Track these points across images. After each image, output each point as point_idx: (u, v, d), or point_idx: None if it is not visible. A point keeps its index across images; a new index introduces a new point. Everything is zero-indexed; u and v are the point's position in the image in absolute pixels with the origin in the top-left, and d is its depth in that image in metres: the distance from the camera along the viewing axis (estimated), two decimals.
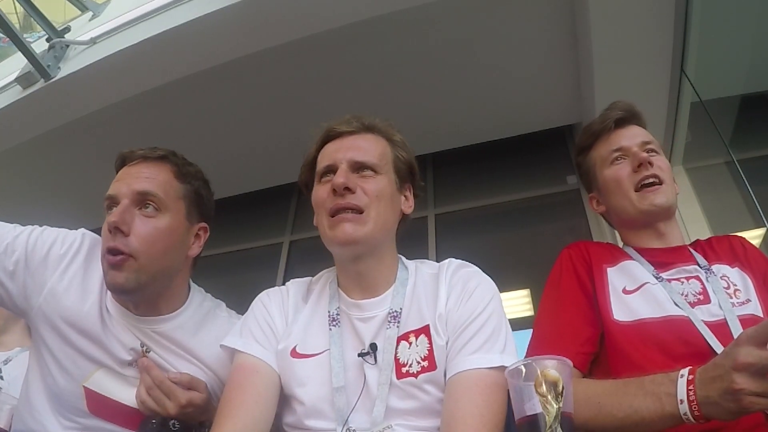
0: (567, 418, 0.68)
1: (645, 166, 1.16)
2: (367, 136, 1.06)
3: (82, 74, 2.99)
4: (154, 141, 1.20)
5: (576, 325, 1.06)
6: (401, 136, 1.10)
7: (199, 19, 2.67)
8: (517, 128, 3.46)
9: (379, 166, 1.01)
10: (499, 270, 1.31)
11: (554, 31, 2.76)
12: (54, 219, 1.25)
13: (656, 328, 1.01)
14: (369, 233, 0.96)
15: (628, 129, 1.25)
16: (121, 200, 1.03)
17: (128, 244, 0.99)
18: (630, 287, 1.09)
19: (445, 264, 1.05)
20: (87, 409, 1.04)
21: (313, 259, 1.38)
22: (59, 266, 1.06)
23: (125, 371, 1.06)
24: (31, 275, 1.04)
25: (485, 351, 0.89)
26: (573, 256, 1.17)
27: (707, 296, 1.05)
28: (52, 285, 1.05)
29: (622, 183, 1.19)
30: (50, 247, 1.08)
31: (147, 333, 1.08)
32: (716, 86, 2.76)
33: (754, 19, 2.60)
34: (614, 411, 0.86)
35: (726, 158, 2.71)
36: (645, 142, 1.22)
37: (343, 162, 0.99)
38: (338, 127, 1.06)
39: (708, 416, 0.77)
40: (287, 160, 3.42)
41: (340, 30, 2.69)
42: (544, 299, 1.16)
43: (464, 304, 0.95)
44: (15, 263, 1.04)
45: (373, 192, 0.98)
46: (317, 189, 1.03)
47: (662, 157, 1.22)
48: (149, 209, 1.03)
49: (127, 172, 1.08)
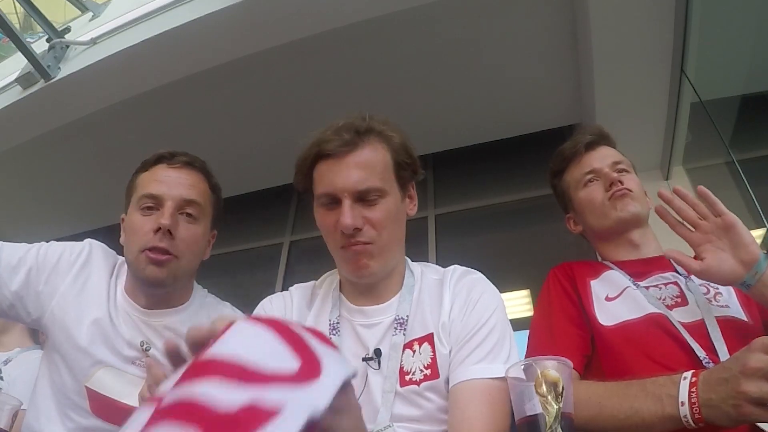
0: (567, 418, 0.69)
1: (616, 184, 1.23)
2: (365, 150, 0.96)
3: (82, 74, 2.99)
4: (154, 141, 1.21)
5: (568, 330, 1.09)
6: (400, 134, 1.02)
7: (200, 19, 2.67)
8: (517, 128, 3.45)
9: (383, 188, 0.95)
10: (499, 270, 1.31)
11: (554, 32, 2.76)
12: (54, 219, 1.26)
13: (637, 328, 1.05)
14: (381, 263, 0.97)
15: (598, 151, 1.31)
16: (166, 203, 1.09)
17: (174, 246, 1.08)
18: (612, 294, 1.14)
19: (449, 271, 1.05)
20: (90, 410, 1.06)
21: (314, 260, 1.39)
22: (70, 272, 1.14)
23: (128, 369, 1.09)
24: (44, 282, 1.11)
25: (490, 361, 0.89)
26: (559, 275, 1.24)
27: (684, 299, 1.08)
28: (64, 289, 1.12)
29: (596, 202, 1.25)
30: (60, 256, 1.16)
31: (153, 326, 1.13)
32: (716, 86, 2.76)
33: (754, 19, 2.60)
34: (615, 412, 0.86)
35: (726, 158, 2.71)
36: (615, 162, 1.28)
37: (346, 195, 0.93)
38: (330, 144, 0.95)
39: (708, 420, 0.77)
40: (287, 160, 3.41)
41: (340, 30, 2.69)
42: (535, 315, 1.21)
43: (469, 313, 0.95)
44: (27, 272, 1.11)
45: (380, 222, 0.95)
46: (322, 215, 0.99)
47: (633, 175, 1.28)
48: (192, 216, 1.12)
49: (170, 175, 1.14)
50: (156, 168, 1.16)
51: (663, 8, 2.30)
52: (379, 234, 0.95)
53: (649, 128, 2.80)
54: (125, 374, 1.08)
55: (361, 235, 0.94)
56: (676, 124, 2.75)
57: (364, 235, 0.94)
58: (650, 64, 2.52)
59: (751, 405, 0.72)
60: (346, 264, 0.97)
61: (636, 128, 2.75)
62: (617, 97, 2.68)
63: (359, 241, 0.94)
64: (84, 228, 4.62)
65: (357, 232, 0.93)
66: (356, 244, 0.94)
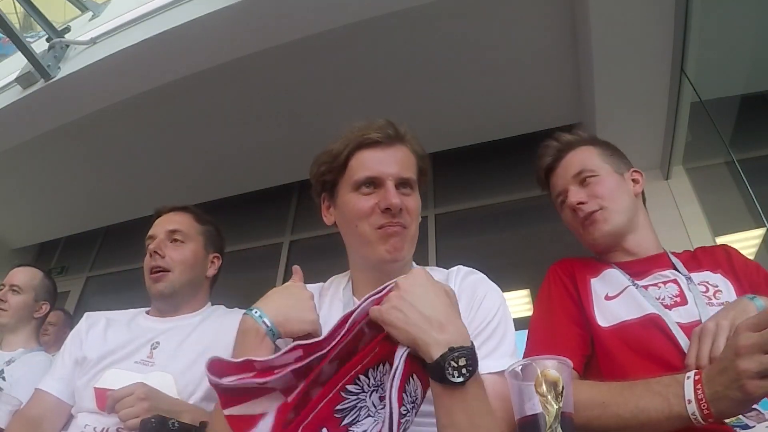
0: (567, 418, 0.69)
1: (578, 210, 1.20)
2: (403, 148, 1.06)
3: (82, 74, 2.99)
4: (154, 141, 1.23)
5: (568, 328, 1.09)
6: (421, 145, 1.11)
7: (199, 19, 2.67)
8: (517, 128, 3.45)
9: (416, 183, 1.05)
10: (498, 270, 1.32)
11: (554, 32, 2.76)
12: (54, 218, 1.26)
13: (634, 329, 1.04)
14: (409, 250, 1.03)
15: (560, 167, 1.29)
16: (158, 237, 1.45)
17: (165, 262, 1.40)
18: (612, 293, 1.14)
19: (453, 271, 1.07)
20: (96, 407, 1.19)
21: (314, 259, 1.38)
22: (87, 338, 1.38)
23: (134, 363, 1.26)
24: (78, 360, 1.35)
25: (497, 357, 0.91)
26: (559, 271, 1.23)
27: (684, 298, 1.07)
28: (87, 346, 1.36)
29: (574, 227, 1.26)
30: (77, 344, 1.39)
31: (167, 324, 1.38)
32: (716, 86, 2.75)
33: (754, 19, 2.60)
34: (620, 411, 0.86)
35: (726, 158, 2.71)
36: (576, 174, 1.23)
37: (390, 179, 1.00)
38: (376, 134, 1.03)
39: (718, 413, 0.77)
40: (287, 160, 3.44)
41: (340, 30, 2.69)
42: (535, 311, 1.20)
43: (475, 311, 0.97)
44: (72, 366, 1.35)
45: (414, 211, 1.02)
46: (358, 199, 1.01)
47: (600, 177, 1.21)
48: (177, 240, 1.46)
49: (162, 219, 1.51)
50: (156, 222, 1.52)
51: (663, 8, 2.30)
52: (412, 221, 1.03)
53: (649, 128, 2.80)
54: (130, 372, 1.27)
55: (401, 217, 0.99)
56: (676, 123, 2.75)
57: (403, 217, 1.00)
58: (650, 64, 2.52)
59: (754, 380, 0.73)
60: (382, 244, 0.99)
61: (636, 128, 2.75)
62: (617, 97, 2.68)
63: (399, 222, 0.99)
64: (84, 228, 4.63)
65: (399, 212, 0.99)
66: (395, 225, 0.99)
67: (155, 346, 1.30)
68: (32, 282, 1.98)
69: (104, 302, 4.13)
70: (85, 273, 4.49)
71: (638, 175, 1.30)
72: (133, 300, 1.53)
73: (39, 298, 1.98)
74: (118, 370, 1.25)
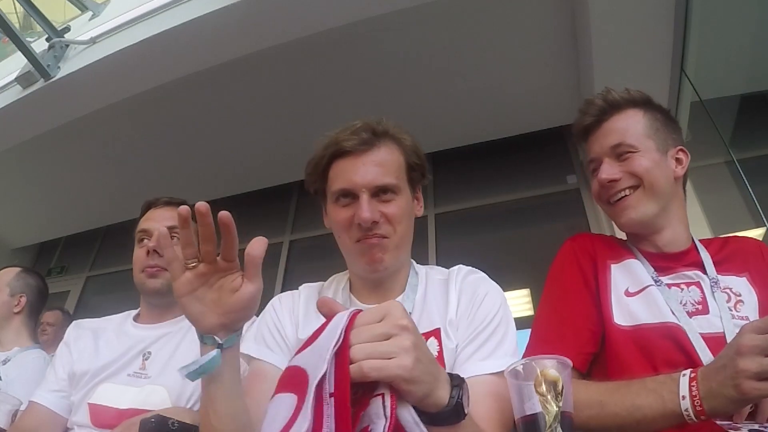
0: (567, 417, 0.68)
1: (607, 187, 1.10)
2: (381, 150, 1.00)
3: (82, 74, 2.99)
4: (153, 140, 1.23)
5: (578, 324, 1.04)
6: (412, 138, 1.06)
7: (199, 18, 2.67)
8: (517, 128, 3.46)
9: (398, 186, 1.00)
10: (499, 270, 1.31)
11: (554, 31, 2.76)
12: (54, 218, 1.26)
13: (652, 334, 0.99)
14: (394, 257, 1.00)
15: (599, 131, 1.15)
16: (154, 233, 1.37)
17: (162, 261, 1.30)
18: (632, 289, 1.06)
19: (454, 270, 1.07)
20: (90, 423, 1.18)
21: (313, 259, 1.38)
22: (76, 351, 1.35)
23: (127, 376, 1.24)
24: (70, 375, 1.33)
25: (497, 357, 0.90)
26: (577, 249, 1.12)
27: (706, 306, 1.02)
28: (77, 359, 1.34)
29: (598, 200, 1.15)
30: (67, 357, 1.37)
31: (158, 330, 1.33)
32: (716, 86, 2.75)
33: (754, 19, 2.60)
34: (617, 409, 0.86)
35: (726, 158, 2.71)
36: (614, 145, 1.10)
37: (364, 190, 0.97)
38: (348, 142, 0.99)
39: (711, 411, 0.77)
40: (287, 160, 3.43)
41: (340, 30, 2.69)
42: (545, 294, 1.13)
43: (476, 310, 0.97)
44: (66, 379, 1.33)
45: (396, 218, 0.99)
46: (338, 211, 1.00)
47: (639, 153, 1.09)
48: (175, 239, 1.26)
49: (156, 213, 1.43)
50: (148, 212, 1.46)
51: (663, 8, 2.31)
52: (394, 229, 0.99)
53: None
54: (122, 385, 1.27)
55: (377, 228, 0.97)
56: None
57: (381, 228, 0.98)
58: (650, 64, 2.52)
59: (751, 380, 0.72)
60: (361, 257, 0.99)
61: None
62: None
63: (376, 234, 0.97)
64: (84, 228, 4.62)
65: (374, 225, 0.97)
66: (372, 237, 0.97)
67: (147, 356, 1.28)
68: (4, 278, 1.98)
69: (104, 302, 4.13)
70: (85, 273, 4.49)
71: (683, 155, 1.14)
72: (133, 300, 1.53)
73: (15, 292, 1.96)
74: (112, 384, 1.24)
